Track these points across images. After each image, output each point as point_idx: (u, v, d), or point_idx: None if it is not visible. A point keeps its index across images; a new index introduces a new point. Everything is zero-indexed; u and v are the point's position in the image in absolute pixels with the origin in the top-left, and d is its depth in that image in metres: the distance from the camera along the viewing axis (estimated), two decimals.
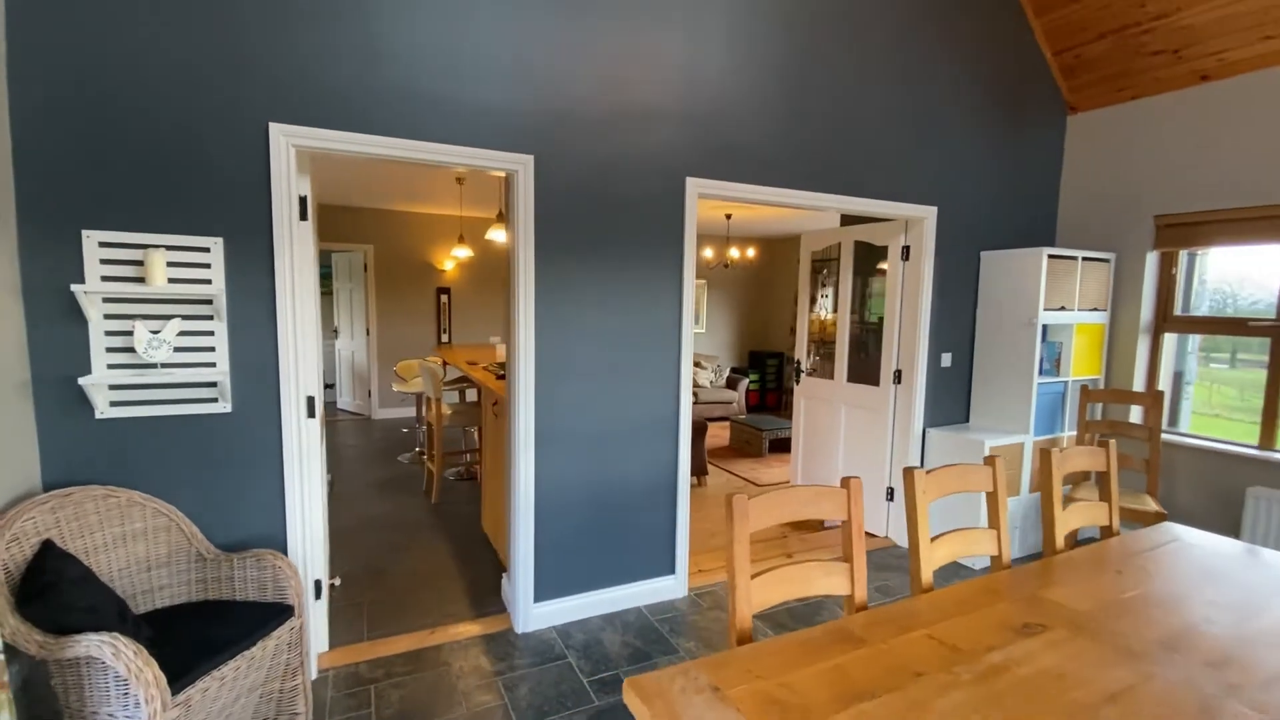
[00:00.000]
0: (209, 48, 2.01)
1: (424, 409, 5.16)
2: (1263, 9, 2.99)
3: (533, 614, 2.71)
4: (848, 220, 4.40)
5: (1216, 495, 3.34)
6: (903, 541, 3.77)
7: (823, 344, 4.37)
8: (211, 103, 2.03)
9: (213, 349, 2.10)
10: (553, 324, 2.65)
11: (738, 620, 1.38)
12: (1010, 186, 3.85)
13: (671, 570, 3.03)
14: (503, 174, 2.59)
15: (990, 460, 1.83)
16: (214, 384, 2.12)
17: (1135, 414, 3.73)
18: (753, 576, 1.41)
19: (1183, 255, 3.63)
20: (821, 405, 4.28)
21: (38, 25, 1.83)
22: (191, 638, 1.77)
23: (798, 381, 4.45)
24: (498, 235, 4.32)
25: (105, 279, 1.95)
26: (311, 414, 2.31)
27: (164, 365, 2.03)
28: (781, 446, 6.34)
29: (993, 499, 1.83)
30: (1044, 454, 1.97)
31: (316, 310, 2.41)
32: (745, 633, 1.38)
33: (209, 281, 2.07)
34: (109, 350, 1.98)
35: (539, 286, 2.60)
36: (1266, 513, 3.01)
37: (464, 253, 5.60)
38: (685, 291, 2.90)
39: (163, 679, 1.53)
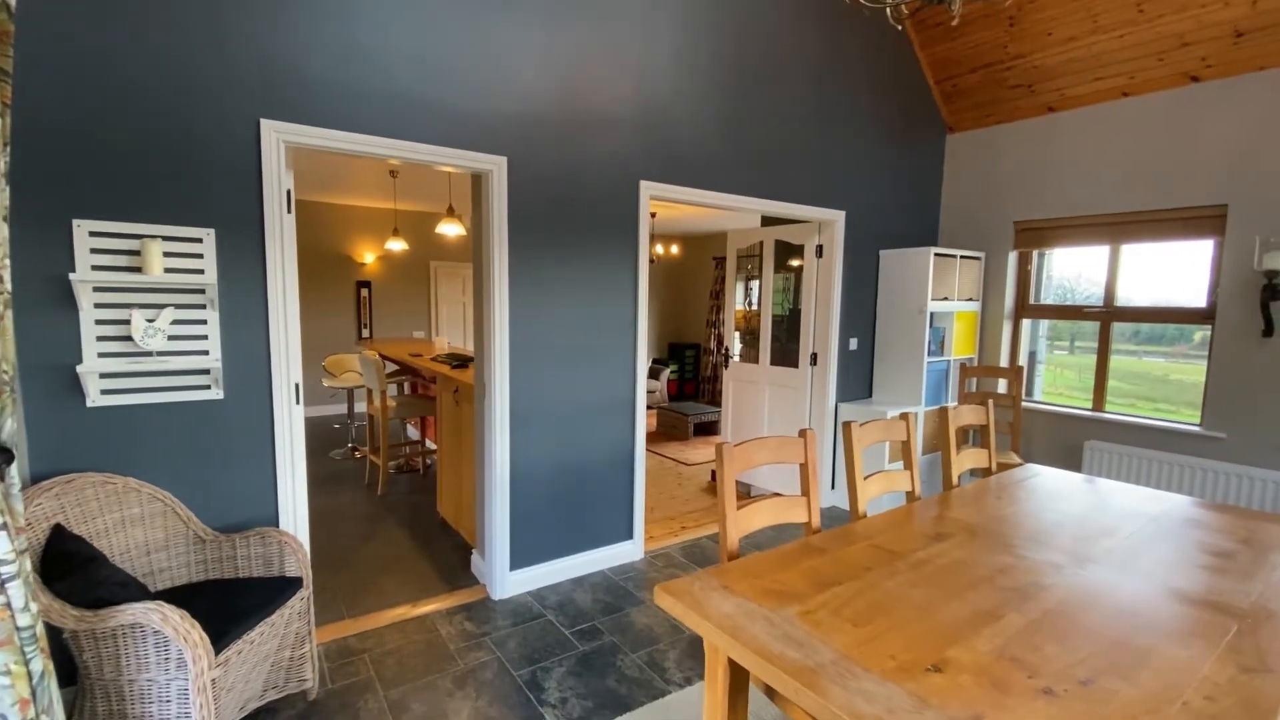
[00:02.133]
0: (202, 43, 2.07)
1: (366, 403, 5.15)
2: (1093, 55, 3.73)
3: (509, 581, 2.93)
4: (768, 221, 4.88)
5: (1062, 448, 4.11)
6: (824, 502, 4.30)
7: (748, 332, 4.84)
8: (204, 98, 2.09)
9: (205, 337, 2.16)
10: (523, 313, 2.87)
11: (728, 542, 1.72)
12: (903, 194, 4.47)
13: (630, 535, 3.34)
14: (456, 170, 2.77)
15: (904, 416, 2.29)
16: (206, 371, 2.18)
17: (1002, 386, 4.48)
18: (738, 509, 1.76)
19: (1035, 255, 4.40)
20: (748, 386, 4.74)
21: (31, 16, 1.83)
22: (214, 608, 1.86)
23: (726, 366, 4.89)
24: (448, 229, 4.41)
25: (96, 268, 1.97)
26: (298, 400, 2.41)
27: (159, 353, 2.07)
28: (705, 430, 6.82)
29: (907, 447, 2.29)
30: (942, 411, 2.47)
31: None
32: (734, 551, 1.72)
33: (201, 272, 2.13)
34: (100, 339, 2.00)
35: (512, 278, 2.81)
36: (1100, 458, 3.80)
37: (398, 245, 5.58)
38: (640, 283, 3.21)
39: (207, 640, 1.65)
